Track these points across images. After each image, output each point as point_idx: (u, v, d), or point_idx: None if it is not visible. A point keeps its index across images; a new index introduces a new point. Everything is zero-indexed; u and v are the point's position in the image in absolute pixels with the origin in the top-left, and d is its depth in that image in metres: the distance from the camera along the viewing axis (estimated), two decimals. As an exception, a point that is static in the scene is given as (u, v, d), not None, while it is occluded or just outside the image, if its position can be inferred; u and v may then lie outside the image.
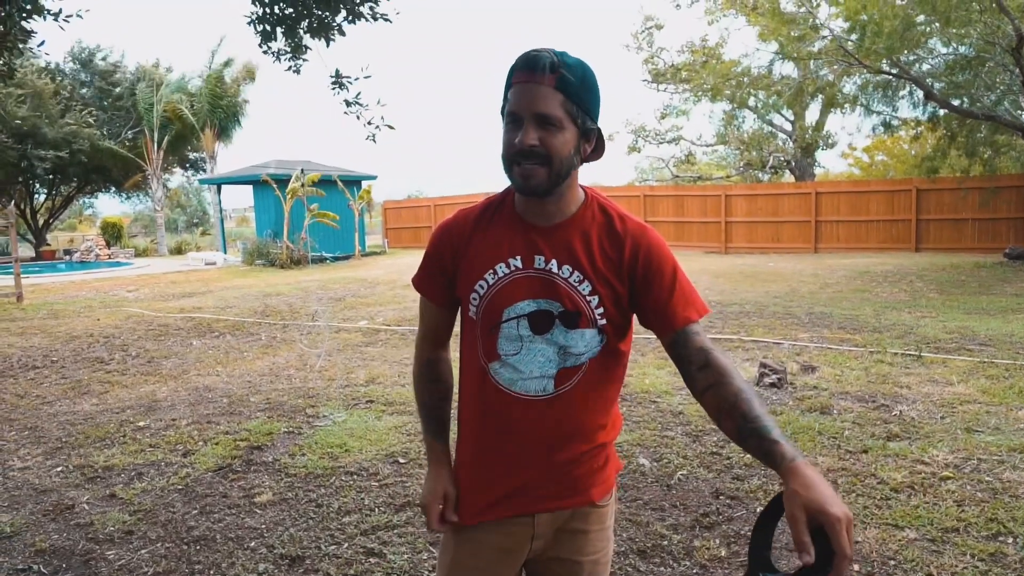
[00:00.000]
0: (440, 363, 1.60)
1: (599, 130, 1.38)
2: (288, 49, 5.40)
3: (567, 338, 1.38)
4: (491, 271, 1.40)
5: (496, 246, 1.41)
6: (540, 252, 1.39)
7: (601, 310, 1.38)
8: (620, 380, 1.50)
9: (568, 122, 1.31)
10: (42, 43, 4.81)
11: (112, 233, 27.28)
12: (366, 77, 5.68)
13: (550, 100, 1.29)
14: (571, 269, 1.38)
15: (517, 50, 1.35)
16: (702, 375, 1.32)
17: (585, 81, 1.32)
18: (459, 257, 1.44)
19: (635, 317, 1.46)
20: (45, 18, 4.62)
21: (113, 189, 30.35)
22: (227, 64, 25.83)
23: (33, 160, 23.03)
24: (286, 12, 5.20)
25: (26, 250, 26.31)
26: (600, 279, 1.38)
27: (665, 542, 3.08)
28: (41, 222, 28.89)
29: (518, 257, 1.39)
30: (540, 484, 1.43)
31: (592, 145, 1.38)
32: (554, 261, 1.38)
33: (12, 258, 12.72)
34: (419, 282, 1.54)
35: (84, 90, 28.04)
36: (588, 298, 1.38)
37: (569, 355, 1.39)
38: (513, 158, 1.31)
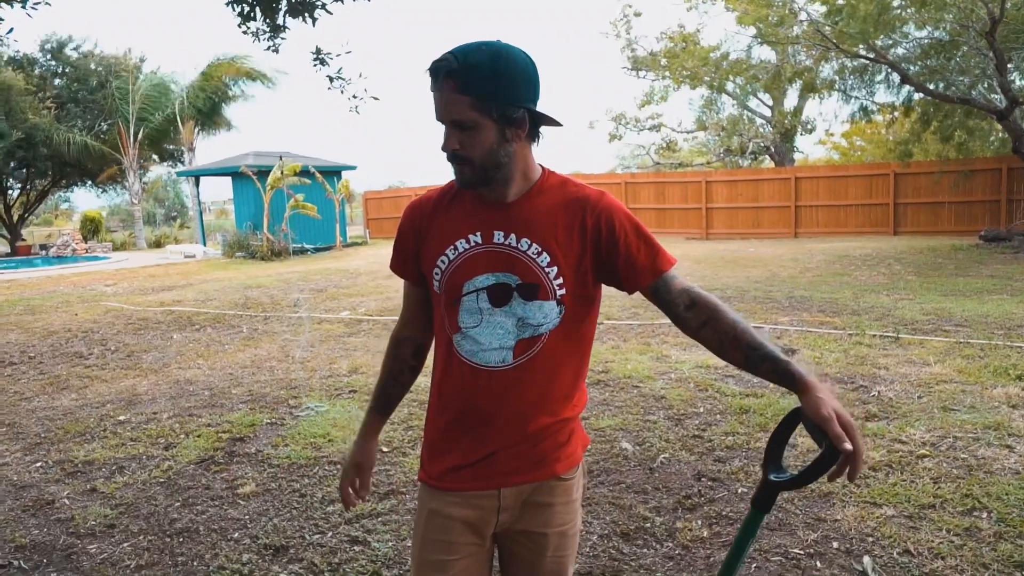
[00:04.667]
0: (406, 343, 1.64)
1: (528, 111, 1.38)
2: (267, 29, 5.34)
3: (525, 310, 1.43)
4: (451, 247, 1.45)
5: (457, 223, 1.47)
6: (499, 227, 1.44)
7: (560, 280, 1.43)
8: (584, 355, 1.53)
9: (483, 119, 1.34)
10: (11, 30, 4.70)
11: (90, 227, 26.90)
12: (347, 52, 5.67)
13: (458, 105, 1.33)
14: (529, 242, 1.43)
15: (497, 38, 1.36)
16: (692, 314, 1.43)
17: (497, 73, 1.32)
18: (422, 234, 1.52)
19: (600, 291, 1.51)
20: (12, 5, 4.52)
21: (89, 183, 29.90)
22: (221, 64, 25.27)
23: None
24: None
25: (1, 246, 25.92)
26: (560, 250, 1.43)
27: (648, 524, 3.11)
28: (16, 217, 28.44)
29: (478, 233, 1.45)
30: (505, 457, 1.46)
31: (525, 128, 1.39)
32: (512, 235, 1.43)
33: (-14, 254, 12.52)
34: (394, 264, 1.61)
35: (57, 80, 27.49)
36: (547, 270, 1.42)
37: (527, 326, 1.43)
38: (447, 159, 1.40)
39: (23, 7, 4.60)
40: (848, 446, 1.23)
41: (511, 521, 1.50)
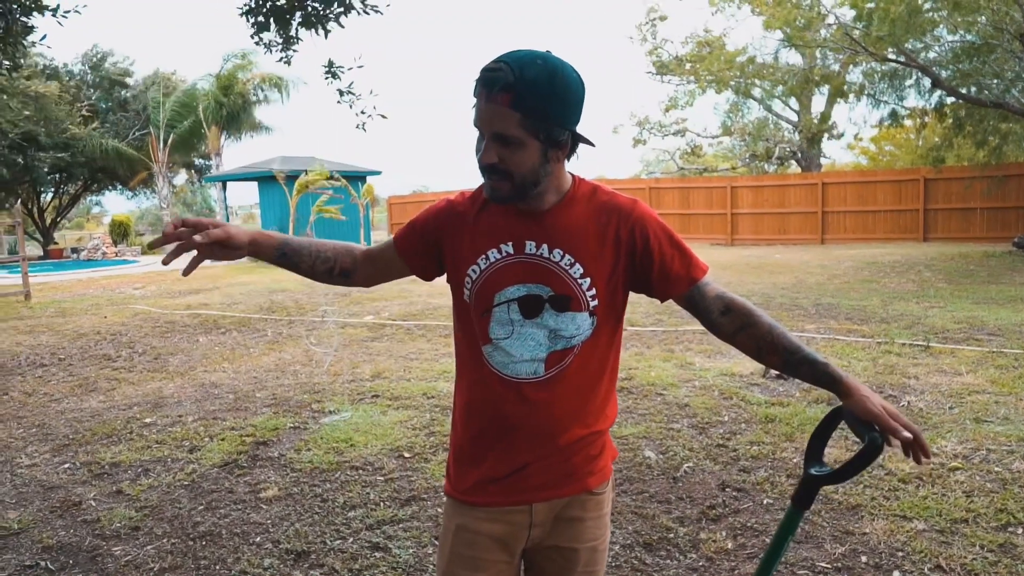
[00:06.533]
0: (348, 259, 1.56)
1: (573, 134, 1.36)
2: (279, 40, 5.41)
3: (557, 321, 1.40)
4: (483, 256, 1.42)
5: (488, 233, 1.43)
6: (531, 238, 1.41)
7: (593, 292, 1.41)
8: (614, 365, 1.51)
9: (529, 138, 1.30)
10: (43, 37, 4.83)
11: (120, 231, 27.39)
12: (359, 67, 5.72)
13: (506, 120, 1.28)
14: (562, 253, 1.40)
15: (523, 42, 1.34)
16: (727, 320, 1.43)
17: (553, 92, 1.28)
18: (445, 237, 1.48)
19: (628, 297, 1.50)
20: (44, 14, 4.63)
21: (119, 187, 30.46)
22: (243, 67, 25.56)
23: (34, 162, 23.14)
24: (278, 3, 5.20)
25: (34, 249, 26.47)
26: (593, 261, 1.40)
27: (671, 535, 3.06)
28: (48, 221, 29.05)
29: (509, 243, 1.41)
30: (537, 470, 1.44)
31: (566, 150, 1.37)
32: (545, 246, 1.40)
33: (20, 257, 12.78)
34: (400, 238, 1.55)
35: (92, 91, 28.12)
36: (580, 281, 1.40)
37: (559, 338, 1.41)
38: (480, 170, 1.36)
39: (53, 15, 4.70)
40: (907, 434, 1.29)
41: (542, 537, 1.48)
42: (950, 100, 15.61)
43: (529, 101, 1.26)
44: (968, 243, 16.36)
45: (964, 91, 14.68)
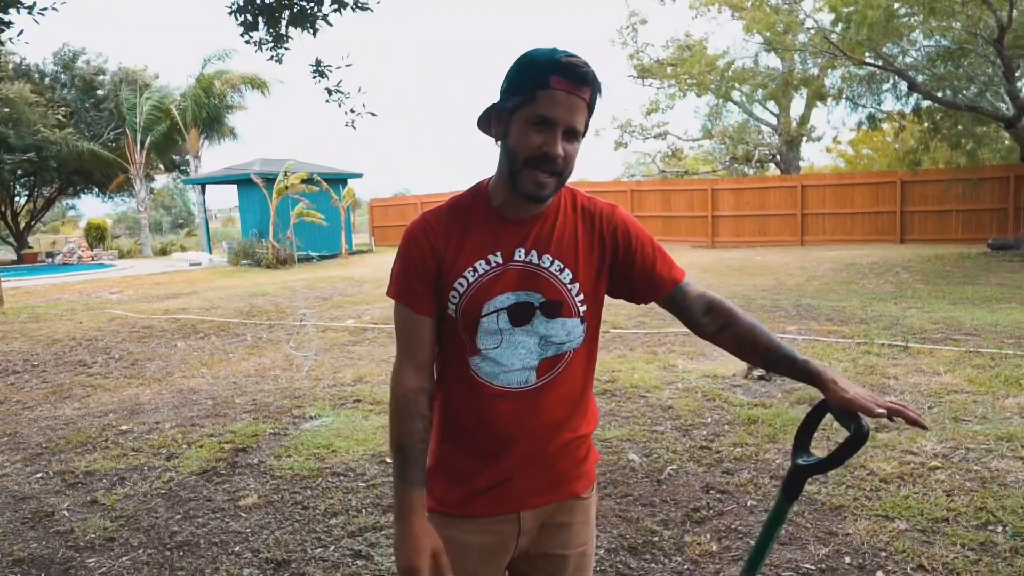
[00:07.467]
0: (423, 396, 1.39)
1: None
2: (269, 39, 5.37)
3: (548, 328, 1.38)
4: (471, 269, 1.38)
5: (476, 244, 1.39)
6: (521, 245, 1.39)
7: (581, 297, 1.40)
8: (594, 366, 1.51)
9: (581, 135, 1.33)
10: (21, 32, 4.73)
11: (95, 235, 27.01)
12: (347, 66, 5.69)
13: (582, 115, 1.30)
14: (551, 259, 1.39)
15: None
16: (709, 319, 1.45)
17: (599, 97, 1.34)
18: (438, 258, 1.38)
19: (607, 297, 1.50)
20: (19, 11, 4.55)
21: (96, 190, 30.04)
22: (220, 72, 25.25)
23: (0, 164, 22.73)
24: (267, 1, 5.16)
25: (7, 253, 26.05)
26: (581, 266, 1.40)
27: (656, 538, 3.05)
28: (22, 224, 28.58)
29: (498, 253, 1.38)
30: (525, 479, 1.42)
31: None
32: (534, 252, 1.39)
33: (-8, 261, 12.55)
34: (407, 295, 1.39)
35: (65, 91, 27.67)
36: (569, 287, 1.39)
37: (550, 344, 1.39)
38: (532, 161, 1.29)
39: (29, 12, 4.63)
40: (880, 410, 1.29)
41: (529, 545, 1.46)
42: (926, 104, 15.81)
43: (594, 100, 1.32)
44: (944, 245, 16.58)
45: (940, 95, 14.89)
